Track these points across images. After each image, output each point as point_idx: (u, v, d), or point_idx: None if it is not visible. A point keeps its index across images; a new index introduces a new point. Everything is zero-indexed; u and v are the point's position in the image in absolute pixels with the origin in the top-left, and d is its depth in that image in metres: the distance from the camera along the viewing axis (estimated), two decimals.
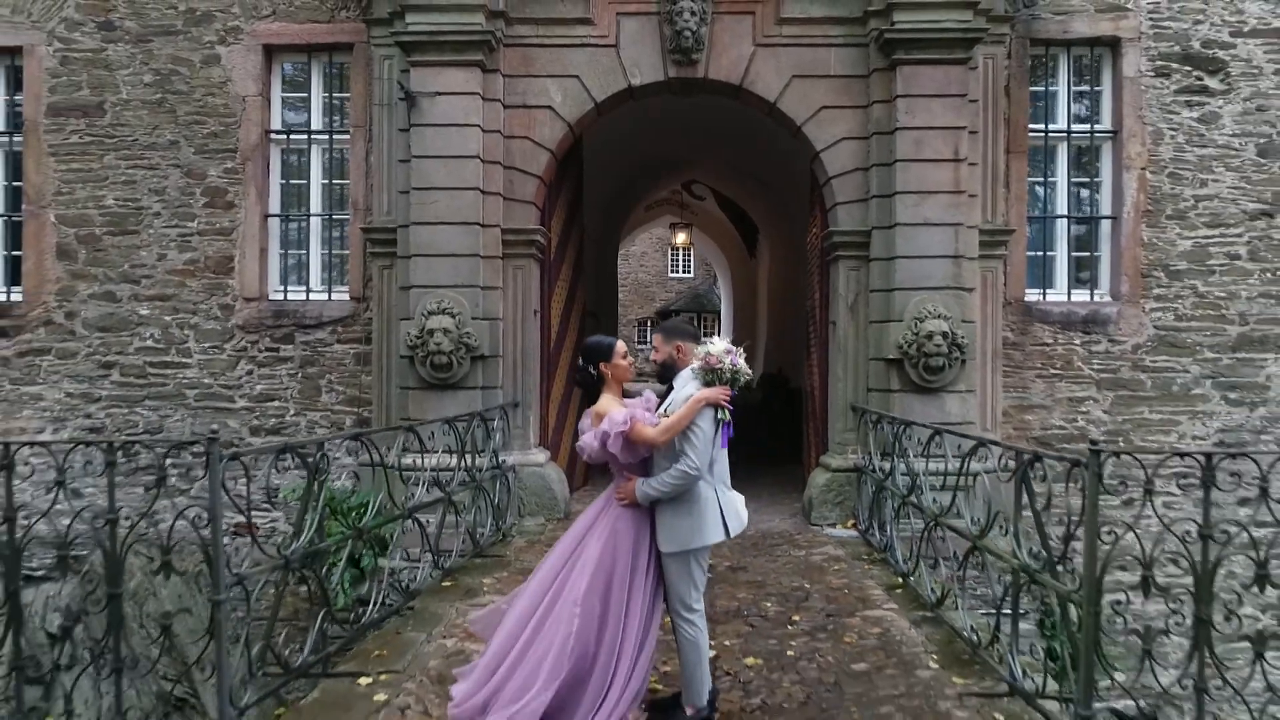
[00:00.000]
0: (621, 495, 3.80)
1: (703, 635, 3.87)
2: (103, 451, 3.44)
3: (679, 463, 3.69)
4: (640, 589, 3.81)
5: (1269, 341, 8.35)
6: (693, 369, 3.91)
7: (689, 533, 3.77)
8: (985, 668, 4.49)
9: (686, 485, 3.71)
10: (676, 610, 3.85)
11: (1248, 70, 8.33)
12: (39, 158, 8.73)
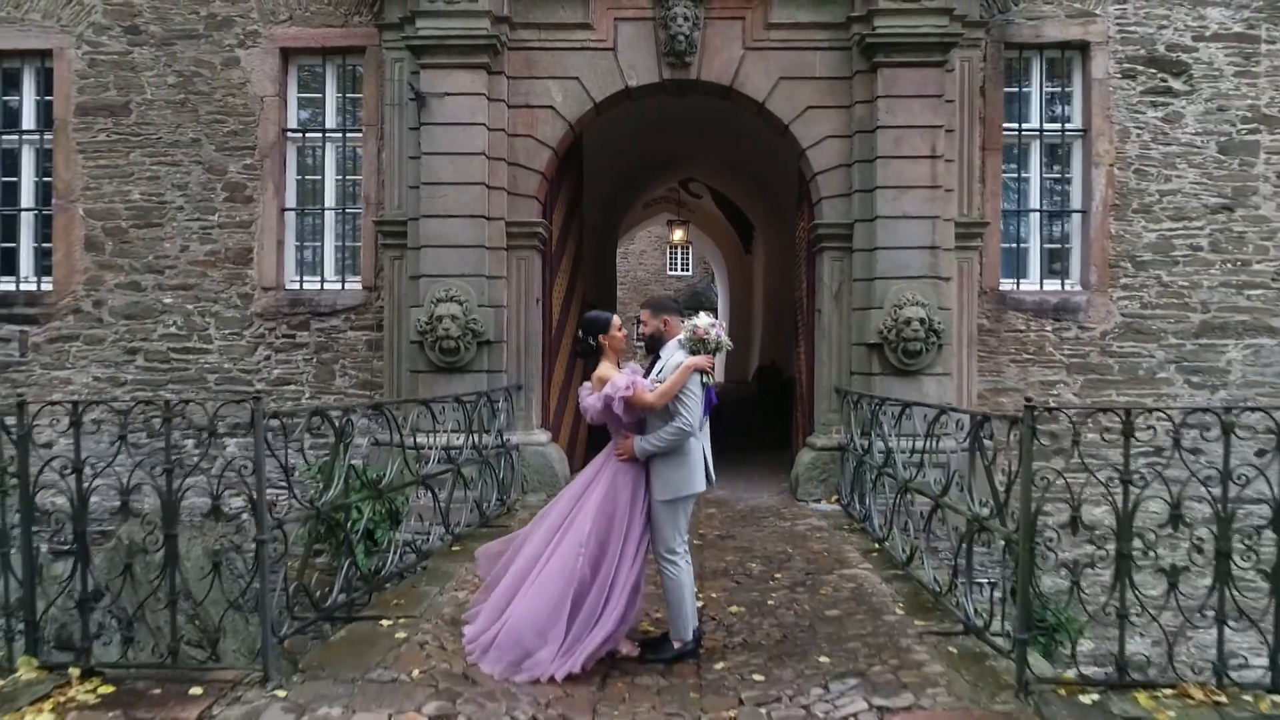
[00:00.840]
0: (621, 452, 4.26)
1: (685, 575, 4.33)
2: (160, 410, 3.90)
3: (674, 421, 4.17)
4: (635, 533, 4.28)
5: (1229, 328, 8.80)
6: (680, 339, 4.38)
7: (681, 483, 4.25)
8: (945, 612, 4.96)
9: (680, 441, 4.19)
10: (660, 554, 4.32)
11: (1209, 72, 8.78)
12: (68, 155, 9.19)
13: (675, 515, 4.29)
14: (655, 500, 4.28)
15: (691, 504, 4.40)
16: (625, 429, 4.31)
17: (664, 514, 4.29)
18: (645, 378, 4.36)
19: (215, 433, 3.91)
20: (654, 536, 4.32)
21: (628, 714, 3.79)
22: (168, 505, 3.93)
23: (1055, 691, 3.81)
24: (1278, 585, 3.73)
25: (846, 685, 4.00)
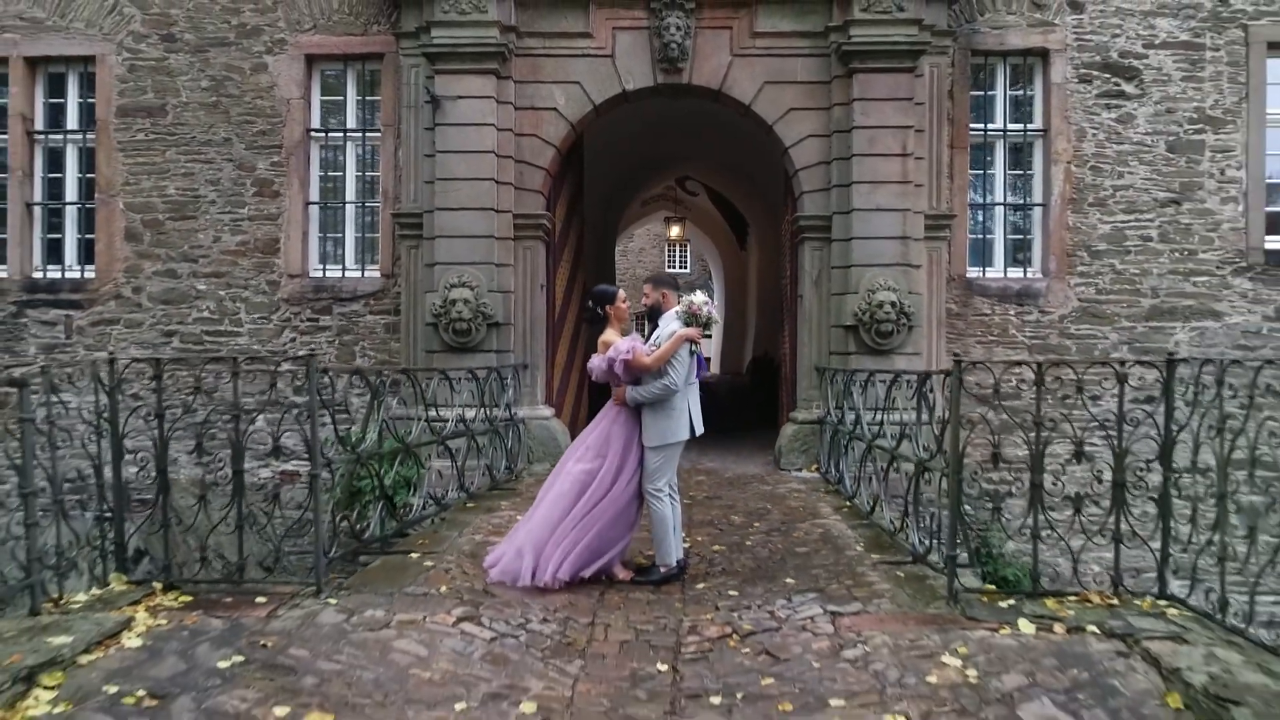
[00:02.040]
0: (617, 400, 5.00)
1: (668, 510, 5.05)
2: (230, 365, 4.62)
3: (662, 379, 4.91)
4: (627, 472, 5.01)
5: (1177, 312, 9.51)
6: (675, 311, 5.11)
7: (668, 432, 4.98)
8: (898, 548, 5.68)
9: (664, 396, 4.92)
10: (649, 491, 5.05)
11: (1159, 77, 9.49)
12: (109, 153, 9.89)
13: (663, 459, 5.02)
14: (646, 446, 5.00)
15: (678, 451, 5.12)
16: (624, 385, 5.04)
17: (653, 458, 5.01)
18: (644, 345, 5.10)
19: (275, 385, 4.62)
20: (644, 476, 5.05)
21: (623, 617, 4.51)
22: (235, 445, 4.65)
23: (979, 599, 4.53)
24: (1163, 510, 4.44)
25: (807, 598, 4.73)
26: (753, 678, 3.80)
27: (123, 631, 4.02)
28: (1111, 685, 3.56)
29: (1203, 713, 3.25)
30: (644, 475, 5.04)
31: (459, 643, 4.12)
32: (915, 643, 4.02)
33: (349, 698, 3.54)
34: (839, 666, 3.87)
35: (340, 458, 5.06)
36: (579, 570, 4.92)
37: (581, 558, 4.91)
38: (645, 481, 5.04)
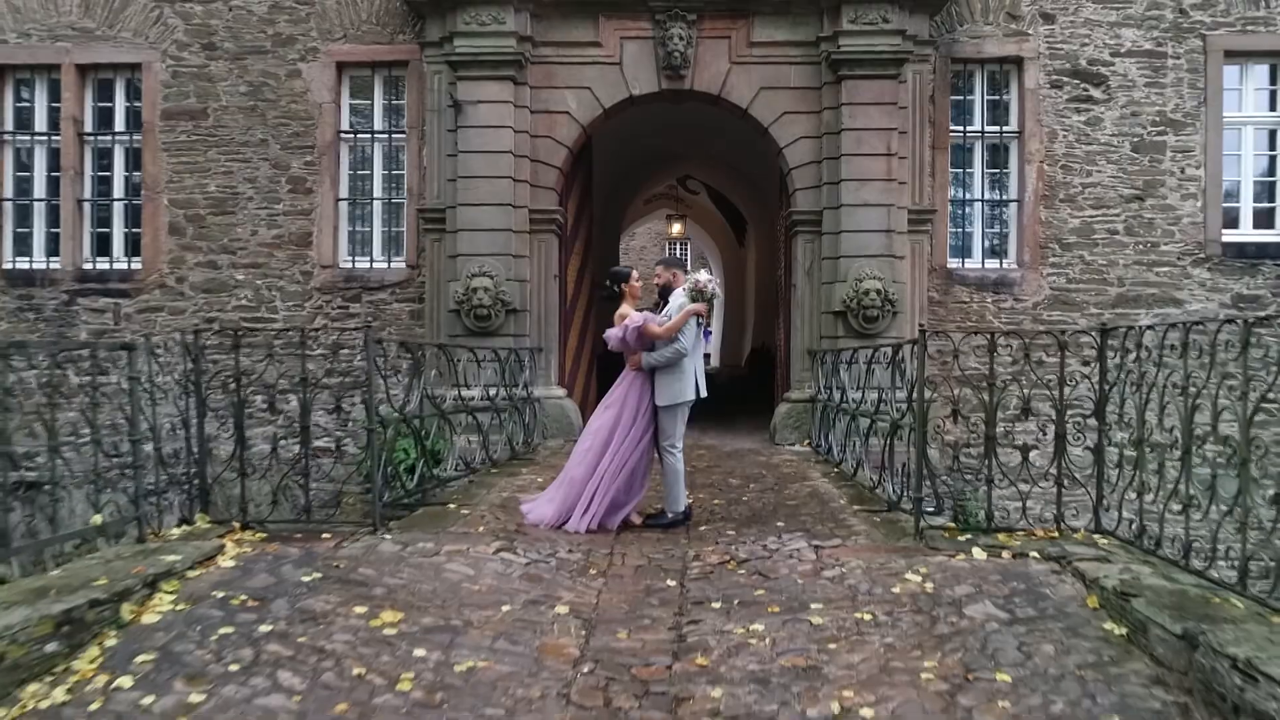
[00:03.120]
0: (632, 364, 5.72)
1: (679, 463, 5.78)
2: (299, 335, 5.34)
3: (674, 344, 5.64)
4: (638, 431, 5.73)
5: (1141, 300, 10.22)
6: (684, 288, 5.84)
7: (678, 392, 5.72)
8: (876, 501, 6.40)
9: (675, 359, 5.65)
10: (662, 446, 5.78)
11: (1124, 83, 10.21)
12: (154, 153, 10.61)
13: (674, 417, 5.75)
14: (659, 406, 5.73)
15: (686, 410, 5.85)
16: (637, 352, 5.77)
17: (665, 416, 5.75)
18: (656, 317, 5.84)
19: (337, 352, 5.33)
20: (658, 432, 5.78)
21: (637, 549, 5.25)
22: (303, 404, 5.38)
23: (942, 534, 5.26)
24: (1098, 458, 5.16)
25: (794, 536, 5.45)
26: (747, 591, 4.52)
27: (217, 555, 4.74)
28: (1043, 592, 4.28)
29: (1111, 606, 3.97)
30: (658, 432, 5.77)
31: (499, 566, 4.85)
32: (884, 566, 4.74)
33: (413, 602, 4.27)
34: (819, 583, 4.59)
35: (391, 417, 5.78)
36: (602, 520, 5.63)
37: (604, 509, 5.63)
38: (659, 438, 5.77)
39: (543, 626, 4.10)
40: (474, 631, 3.99)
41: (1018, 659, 3.61)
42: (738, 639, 3.92)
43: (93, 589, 3.89)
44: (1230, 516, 3.78)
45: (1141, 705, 3.20)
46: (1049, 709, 3.20)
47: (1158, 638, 3.52)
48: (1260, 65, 10.32)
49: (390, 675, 3.54)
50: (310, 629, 3.91)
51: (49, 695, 3.30)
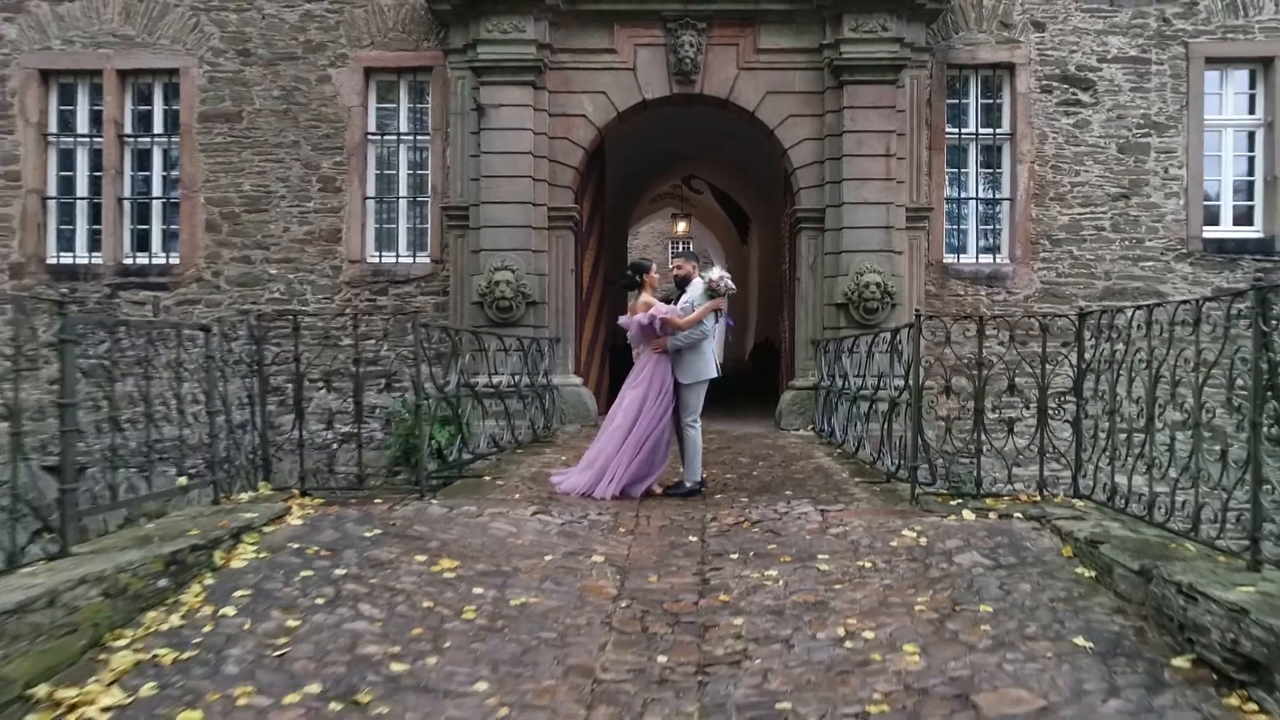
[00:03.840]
0: (656, 347, 6.25)
1: (698, 437, 6.32)
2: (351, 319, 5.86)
3: (696, 329, 6.17)
4: (661, 408, 6.26)
5: (1126, 293, 10.73)
6: (700, 278, 6.37)
7: (699, 370, 6.26)
8: (876, 474, 6.92)
9: (699, 339, 6.18)
10: (684, 420, 6.31)
11: (1111, 88, 10.72)
12: (192, 154, 11.14)
13: (695, 394, 6.30)
14: (681, 383, 6.26)
15: (705, 388, 6.38)
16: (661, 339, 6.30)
17: (688, 392, 6.29)
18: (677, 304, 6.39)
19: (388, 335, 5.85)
20: (679, 408, 6.31)
21: (660, 513, 5.77)
22: (356, 381, 5.91)
23: (935, 499, 5.78)
24: (1076, 430, 5.69)
25: (801, 502, 5.97)
26: (761, 545, 5.05)
27: (285, 515, 5.27)
28: (1024, 545, 4.81)
29: (1083, 554, 4.50)
30: (680, 408, 6.30)
31: (538, 525, 5.38)
32: (883, 525, 5.26)
33: (466, 553, 4.79)
34: (825, 538, 5.12)
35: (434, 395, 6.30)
36: (626, 489, 6.16)
37: (630, 479, 6.16)
38: (681, 413, 6.31)
39: (582, 572, 4.63)
40: (522, 575, 4.52)
41: (999, 595, 4.13)
42: (754, 581, 4.45)
43: (189, 537, 4.41)
44: (1186, 474, 4.30)
45: (1104, 628, 3.72)
46: (1023, 631, 3.73)
47: (1120, 575, 4.05)
48: (1240, 71, 10.84)
49: (455, 607, 4.07)
50: (379, 573, 4.44)
51: (166, 620, 3.83)
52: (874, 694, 3.26)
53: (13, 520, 3.72)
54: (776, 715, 3.14)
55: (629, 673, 3.53)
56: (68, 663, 3.39)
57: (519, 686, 3.38)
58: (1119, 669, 3.36)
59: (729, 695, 3.32)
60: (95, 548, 4.17)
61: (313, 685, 3.32)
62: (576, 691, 3.36)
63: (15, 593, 3.28)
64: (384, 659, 3.56)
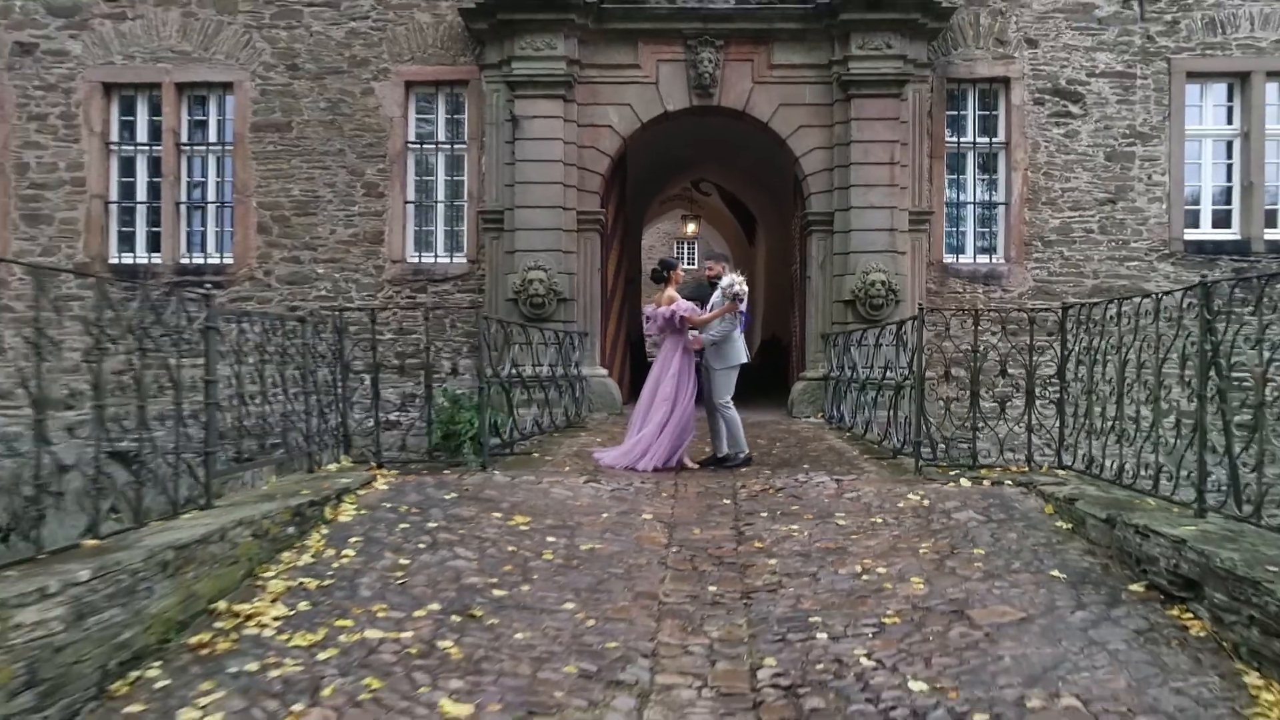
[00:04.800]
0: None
1: (737, 415, 7.08)
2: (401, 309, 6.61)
3: (724, 323, 6.92)
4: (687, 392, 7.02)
5: (1113, 291, 11.42)
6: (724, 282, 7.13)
7: (731, 357, 7.03)
8: (883, 452, 7.67)
9: (728, 331, 6.93)
10: (719, 403, 7.08)
11: (1099, 100, 11.45)
12: (244, 161, 11.89)
13: (728, 378, 7.07)
14: (715, 369, 7.02)
15: (736, 372, 7.14)
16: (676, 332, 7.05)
17: (720, 378, 7.05)
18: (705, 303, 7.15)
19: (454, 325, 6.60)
20: (714, 391, 7.07)
21: (695, 482, 6.53)
22: (427, 366, 6.66)
23: (936, 470, 6.53)
24: (1059, 409, 6.43)
25: (818, 473, 6.72)
26: (786, 506, 5.80)
27: (372, 482, 6.02)
28: (1013, 505, 5.56)
29: (1062, 511, 5.24)
30: (714, 391, 7.06)
31: (591, 491, 6.14)
32: (891, 490, 6.01)
33: (534, 511, 5.55)
34: (841, 501, 5.87)
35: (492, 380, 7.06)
36: (663, 462, 6.93)
37: (666, 453, 6.93)
38: (716, 396, 7.07)
39: (635, 526, 5.38)
40: (586, 528, 5.28)
41: (990, 541, 4.88)
42: (783, 533, 5.20)
43: (303, 496, 5.16)
44: (1148, 441, 5.05)
45: (1075, 564, 4.48)
46: (1009, 566, 4.48)
47: (1091, 524, 4.80)
48: (1219, 84, 11.57)
49: (535, 551, 4.83)
50: (465, 526, 5.20)
51: (299, 559, 4.59)
52: (887, 611, 4.02)
53: (176, 475, 4.47)
54: (810, 626, 3.90)
55: (687, 597, 4.29)
56: (233, 587, 4.15)
57: (599, 606, 4.13)
58: (1086, 592, 4.12)
59: (770, 612, 4.07)
60: (229, 502, 4.93)
61: (433, 604, 4.08)
62: (647, 610, 4.12)
63: (196, 529, 4.04)
64: (485, 587, 4.32)
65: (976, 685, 3.28)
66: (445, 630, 3.82)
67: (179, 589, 3.70)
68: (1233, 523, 4.17)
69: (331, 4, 11.80)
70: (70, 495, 3.75)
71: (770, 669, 3.50)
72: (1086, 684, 3.24)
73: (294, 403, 5.92)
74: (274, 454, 5.71)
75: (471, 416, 8.78)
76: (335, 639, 3.68)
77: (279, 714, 3.08)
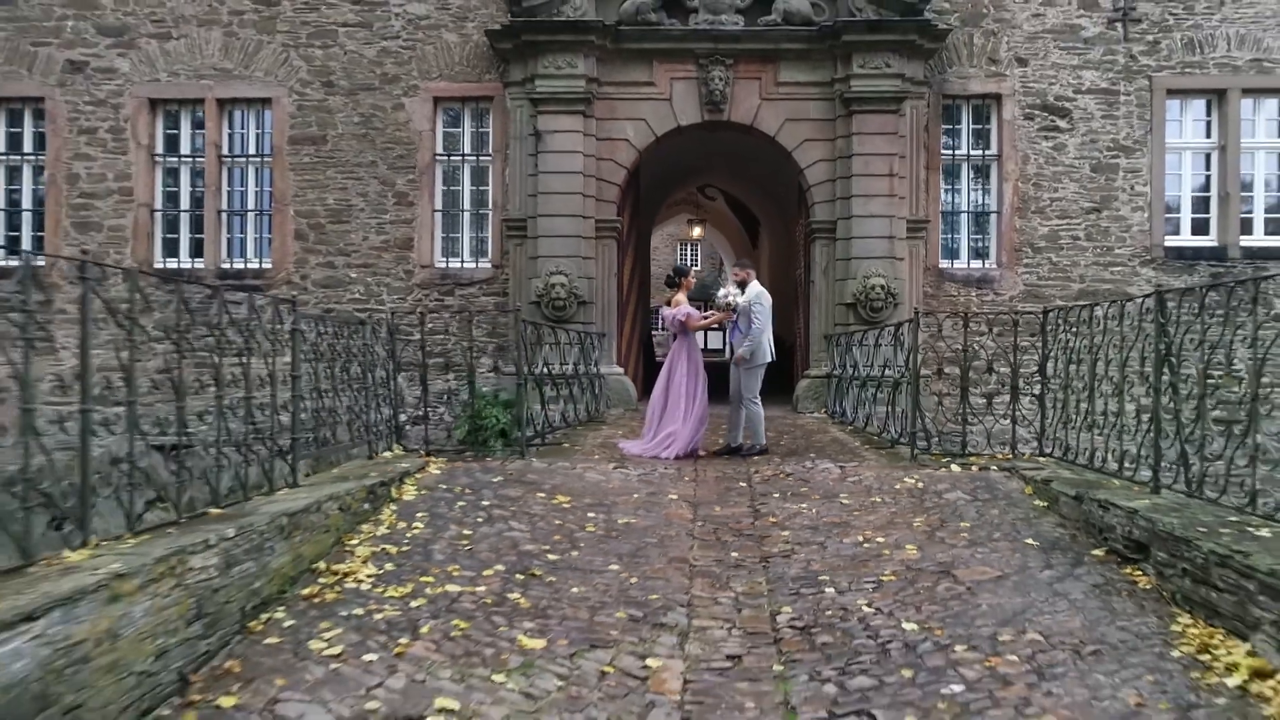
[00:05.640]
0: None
1: (760, 410, 7.76)
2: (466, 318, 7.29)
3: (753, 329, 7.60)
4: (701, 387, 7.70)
5: (1098, 294, 12.08)
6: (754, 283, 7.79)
7: (759, 355, 7.68)
8: (882, 443, 8.35)
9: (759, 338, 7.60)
10: (746, 399, 7.76)
11: (1085, 115, 12.12)
12: (283, 172, 12.57)
13: (755, 375, 7.75)
14: (744, 368, 7.69)
15: (763, 370, 7.81)
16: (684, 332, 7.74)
17: (747, 375, 7.74)
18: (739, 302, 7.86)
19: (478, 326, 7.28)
20: (744, 387, 7.74)
21: (713, 469, 7.20)
22: (469, 366, 7.34)
23: (930, 458, 7.20)
24: (1040, 403, 7.09)
25: (823, 461, 7.40)
26: (796, 488, 6.48)
27: (426, 467, 6.70)
28: (997, 486, 6.22)
29: (1039, 491, 5.91)
30: (743, 387, 7.75)
31: (621, 475, 6.82)
32: (889, 475, 6.68)
33: (573, 492, 6.22)
34: (844, 484, 6.54)
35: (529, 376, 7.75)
36: (682, 451, 7.61)
37: (686, 444, 7.61)
38: (744, 392, 7.75)
39: (664, 505, 6.06)
40: (620, 506, 5.96)
41: (975, 516, 5.56)
42: (794, 510, 5.88)
43: (372, 478, 5.83)
44: (1114, 429, 5.73)
45: (1048, 535, 5.15)
46: (990, 536, 5.16)
47: (1063, 501, 5.47)
48: (1198, 100, 12.23)
49: (579, 524, 5.51)
50: (514, 504, 5.88)
51: (376, 530, 5.27)
52: (885, 571, 4.70)
53: (272, 456, 5.15)
54: (819, 583, 4.58)
55: (713, 561, 4.96)
56: (326, 552, 4.83)
57: (639, 568, 4.81)
58: (1054, 556, 4.79)
59: (785, 573, 4.75)
60: (311, 482, 5.61)
61: (498, 566, 4.76)
62: (680, 571, 4.80)
63: (298, 500, 4.72)
64: (540, 553, 5.00)
65: (958, 625, 3.95)
66: (512, 586, 4.50)
67: (290, 550, 4.38)
68: (1181, 497, 4.84)
69: (365, 24, 12.48)
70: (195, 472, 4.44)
71: (787, 615, 4.18)
72: (1048, 624, 3.91)
73: (357, 396, 6.60)
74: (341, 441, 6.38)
75: (498, 412, 9.48)
76: (422, 592, 4.36)
77: (389, 645, 3.76)
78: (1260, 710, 3.10)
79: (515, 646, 3.80)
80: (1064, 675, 3.42)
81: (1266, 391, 4.23)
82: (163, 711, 3.18)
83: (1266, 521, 4.04)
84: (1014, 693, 3.32)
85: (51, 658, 2.64)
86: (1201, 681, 3.32)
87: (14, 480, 3.39)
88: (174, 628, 3.30)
